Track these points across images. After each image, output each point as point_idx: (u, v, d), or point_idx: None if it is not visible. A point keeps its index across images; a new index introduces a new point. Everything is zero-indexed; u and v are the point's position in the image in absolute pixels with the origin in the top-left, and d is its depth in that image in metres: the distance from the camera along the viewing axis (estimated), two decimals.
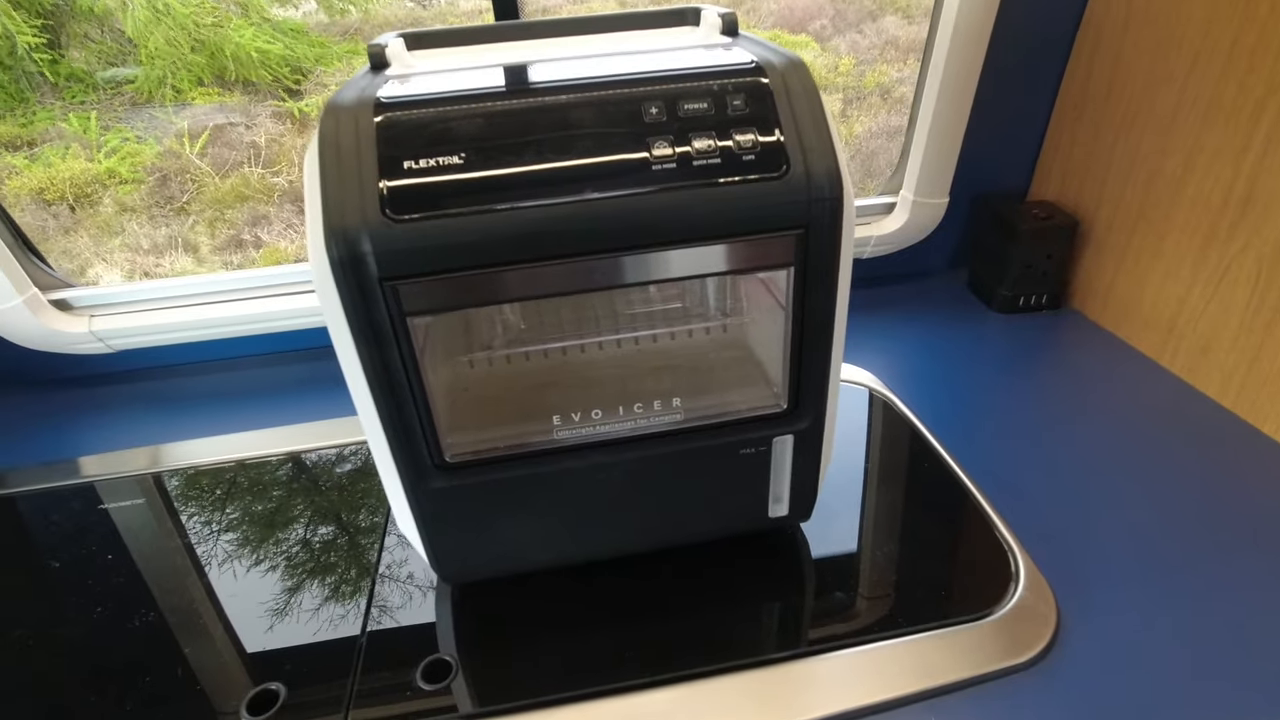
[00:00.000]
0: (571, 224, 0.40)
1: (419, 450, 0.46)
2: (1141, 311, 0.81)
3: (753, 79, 0.43)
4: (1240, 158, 0.68)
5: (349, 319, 0.40)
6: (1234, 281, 0.70)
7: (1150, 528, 0.60)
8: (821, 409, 0.51)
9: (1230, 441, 0.69)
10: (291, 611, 0.57)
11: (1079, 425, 0.72)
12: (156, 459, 0.74)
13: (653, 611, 0.55)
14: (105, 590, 0.59)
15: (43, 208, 2.47)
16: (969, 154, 0.88)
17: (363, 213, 0.38)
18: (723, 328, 0.60)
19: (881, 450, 0.71)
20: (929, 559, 0.59)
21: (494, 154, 0.40)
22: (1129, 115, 0.79)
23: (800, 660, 0.51)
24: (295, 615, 0.56)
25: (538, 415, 0.50)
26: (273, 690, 0.50)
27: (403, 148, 0.39)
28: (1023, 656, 0.50)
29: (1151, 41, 0.75)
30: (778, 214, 0.42)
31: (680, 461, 0.51)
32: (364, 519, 0.65)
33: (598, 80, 0.42)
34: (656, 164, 0.41)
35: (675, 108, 0.42)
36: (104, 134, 2.59)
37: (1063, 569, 0.57)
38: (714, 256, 0.43)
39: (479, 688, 0.50)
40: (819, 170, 0.42)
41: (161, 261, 2.38)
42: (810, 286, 0.45)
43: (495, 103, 0.41)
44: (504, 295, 0.42)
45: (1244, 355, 0.70)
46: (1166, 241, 0.77)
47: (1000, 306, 0.91)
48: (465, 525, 0.51)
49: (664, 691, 0.49)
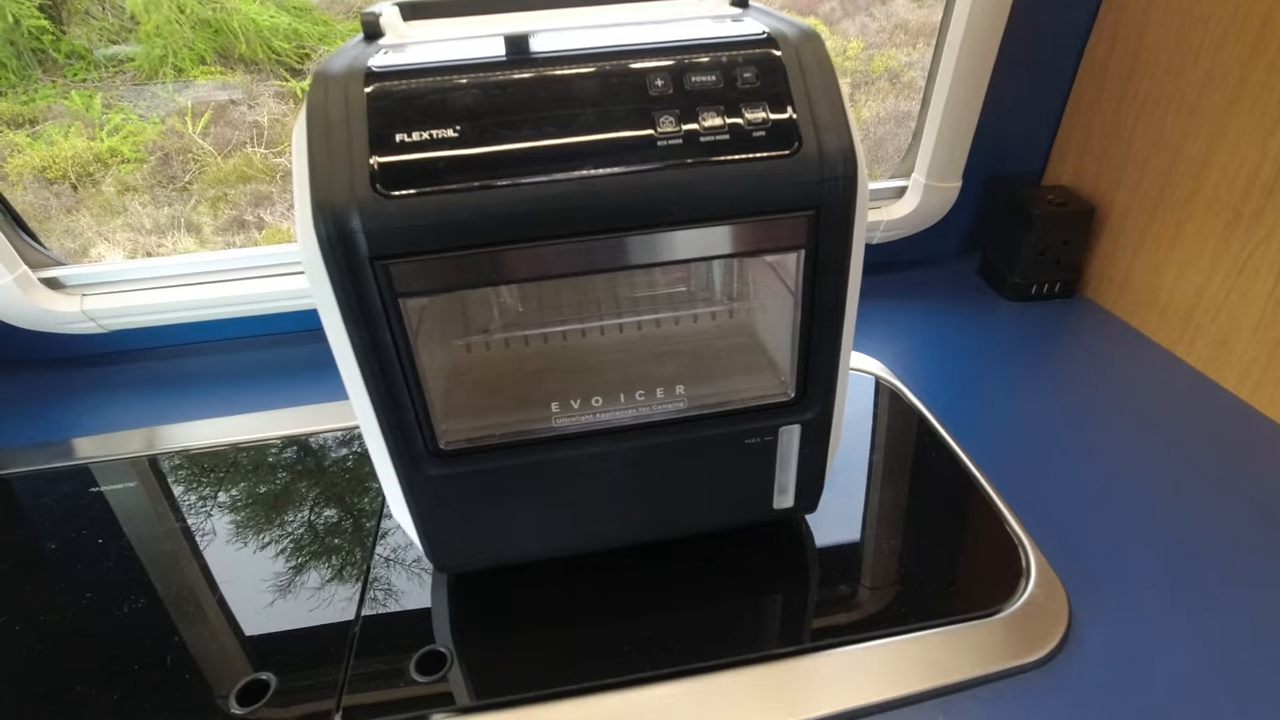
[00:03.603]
0: (571, 202, 0.38)
1: (413, 437, 0.45)
2: (1159, 301, 0.79)
3: (764, 51, 0.41)
4: (1267, 141, 0.65)
5: (338, 300, 0.39)
6: (1256, 270, 0.68)
7: (1166, 523, 0.59)
8: (830, 398, 0.49)
9: (1249, 436, 0.67)
10: (285, 598, 0.56)
11: (1092, 418, 0.70)
12: (151, 441, 0.73)
13: (654, 604, 0.54)
14: (97, 574, 0.58)
15: (45, 186, 2.45)
16: (983, 136, 0.86)
17: (352, 188, 0.37)
18: (729, 313, 0.58)
19: (889, 441, 0.69)
20: (937, 553, 0.57)
21: (491, 127, 0.38)
22: (1151, 96, 0.76)
23: (804, 656, 0.50)
24: (289, 602, 0.55)
25: (536, 402, 0.48)
26: (263, 680, 0.49)
27: (395, 120, 0.37)
28: (1033, 655, 0.49)
29: (1178, 18, 0.72)
30: (788, 194, 0.40)
31: (683, 451, 0.50)
32: (360, 505, 0.64)
33: (600, 51, 0.40)
34: (662, 140, 0.39)
35: (682, 81, 0.40)
36: (106, 112, 2.57)
37: (1075, 565, 0.55)
38: (721, 238, 0.41)
39: (475, 679, 0.49)
40: (832, 148, 0.40)
41: (164, 242, 2.37)
42: (821, 270, 0.43)
43: (492, 73, 0.39)
44: (500, 276, 0.41)
45: (1264, 347, 0.68)
46: (1186, 228, 0.74)
47: (1012, 294, 0.89)
48: (461, 514, 0.49)
49: (664, 686, 0.48)
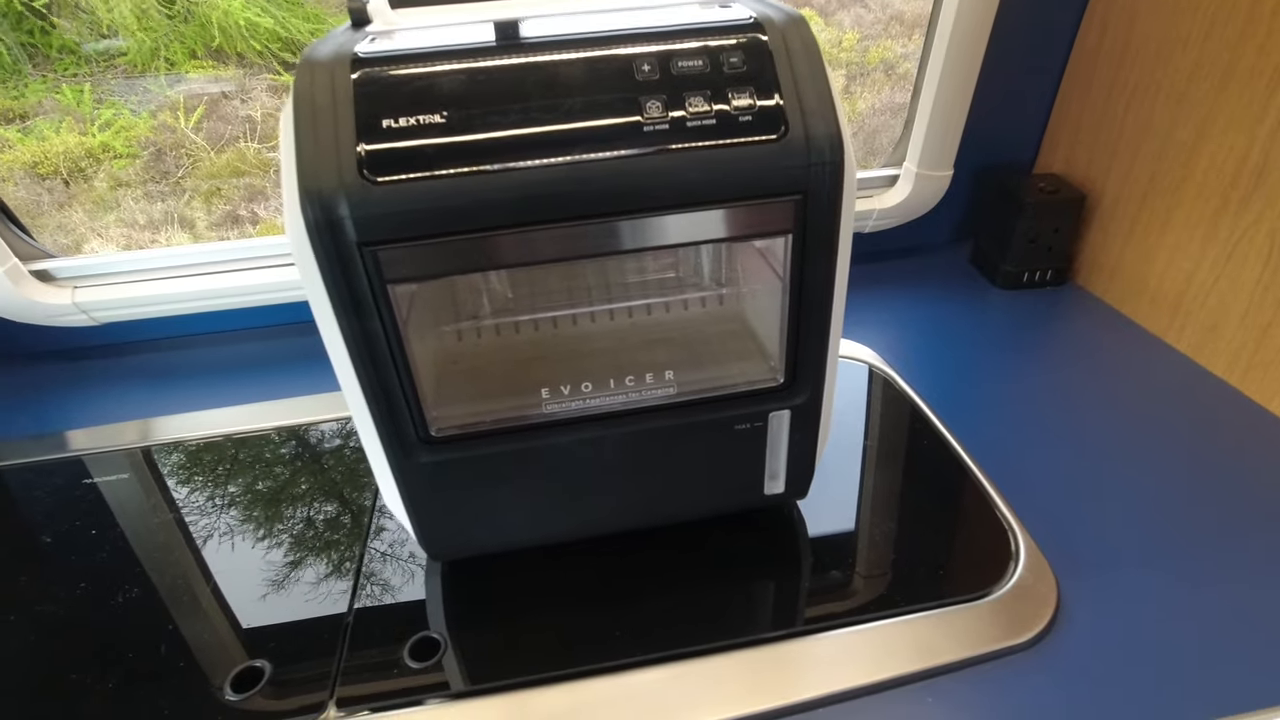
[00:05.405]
0: (558, 187, 0.38)
1: (404, 424, 0.45)
2: (1149, 288, 0.79)
3: (751, 36, 0.41)
4: (1255, 128, 0.65)
5: (327, 286, 0.39)
6: (1244, 256, 0.68)
7: (1154, 507, 0.59)
8: (819, 384, 0.49)
9: (1237, 420, 0.67)
10: (279, 587, 0.56)
11: (1082, 404, 0.71)
12: (144, 433, 0.73)
13: (646, 589, 0.54)
14: (91, 565, 0.58)
15: (36, 182, 2.44)
16: (974, 125, 0.86)
17: (339, 174, 0.37)
18: (718, 299, 0.58)
19: (881, 427, 0.69)
20: (928, 538, 0.58)
21: (477, 113, 0.38)
22: (1141, 84, 0.76)
23: (795, 639, 0.50)
24: (283, 590, 0.55)
25: (526, 388, 0.49)
26: (258, 667, 0.50)
27: (382, 106, 0.37)
28: (1022, 637, 0.49)
29: (1167, 5, 0.72)
30: (775, 178, 0.41)
31: (673, 436, 0.50)
32: (353, 494, 0.64)
33: (587, 36, 0.40)
34: (649, 125, 0.39)
35: (669, 66, 0.40)
36: (98, 107, 2.56)
37: (1063, 549, 0.55)
38: (709, 222, 0.41)
39: (468, 665, 0.49)
40: (819, 133, 0.40)
41: (157, 237, 2.36)
42: (809, 255, 0.44)
43: (479, 59, 0.39)
44: (488, 262, 0.41)
45: (1252, 333, 0.68)
46: (1176, 215, 0.75)
47: (1004, 282, 0.89)
48: (452, 501, 0.50)
49: (656, 670, 0.49)
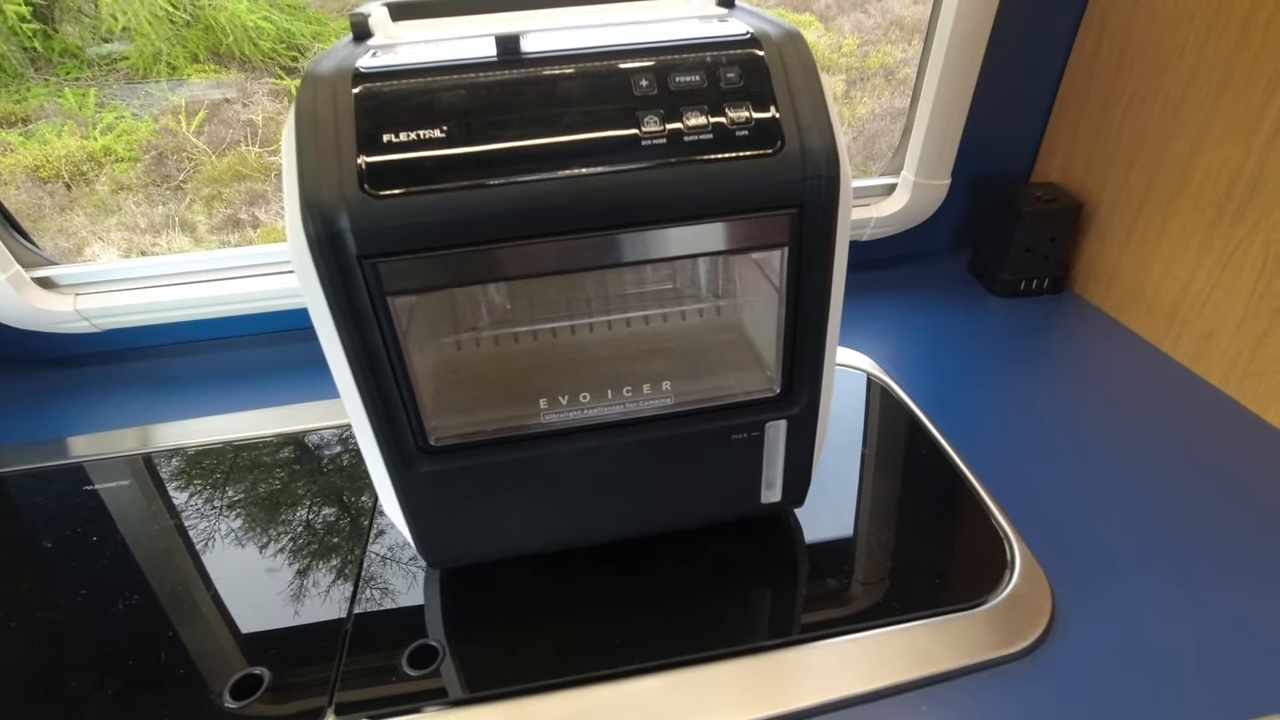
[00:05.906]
0: (556, 201, 0.39)
1: (403, 434, 0.45)
2: (1145, 297, 0.80)
3: (747, 51, 0.41)
4: (1251, 137, 0.66)
5: (328, 298, 0.39)
6: (1239, 266, 0.68)
7: (1149, 516, 0.59)
8: (816, 393, 0.50)
9: (1232, 429, 0.68)
10: (279, 594, 0.56)
11: (1079, 412, 0.71)
12: (145, 440, 0.73)
13: (644, 597, 0.54)
14: (92, 572, 0.59)
15: (38, 185, 2.44)
16: (972, 134, 0.86)
17: (340, 188, 0.37)
18: (715, 310, 0.58)
19: (878, 436, 0.70)
20: (924, 546, 0.58)
21: (477, 127, 0.38)
22: (1138, 93, 0.77)
23: (793, 648, 0.50)
24: (283, 598, 0.56)
25: (525, 398, 0.49)
26: (257, 674, 0.50)
27: (382, 120, 0.38)
28: (1017, 646, 0.50)
29: (1163, 15, 0.73)
30: (771, 192, 0.41)
31: (671, 446, 0.50)
32: (353, 502, 0.65)
33: (585, 52, 0.41)
34: (646, 139, 0.39)
35: (666, 81, 0.40)
36: (99, 110, 2.57)
37: (1059, 557, 0.56)
38: (705, 235, 0.42)
39: (467, 672, 0.49)
40: (815, 147, 0.41)
41: (159, 241, 2.36)
42: (805, 268, 0.44)
43: (479, 74, 0.39)
44: (487, 274, 0.41)
45: (1247, 341, 0.68)
46: (1172, 225, 0.75)
47: (1001, 290, 0.90)
48: (451, 510, 0.50)
49: (655, 678, 0.49)
